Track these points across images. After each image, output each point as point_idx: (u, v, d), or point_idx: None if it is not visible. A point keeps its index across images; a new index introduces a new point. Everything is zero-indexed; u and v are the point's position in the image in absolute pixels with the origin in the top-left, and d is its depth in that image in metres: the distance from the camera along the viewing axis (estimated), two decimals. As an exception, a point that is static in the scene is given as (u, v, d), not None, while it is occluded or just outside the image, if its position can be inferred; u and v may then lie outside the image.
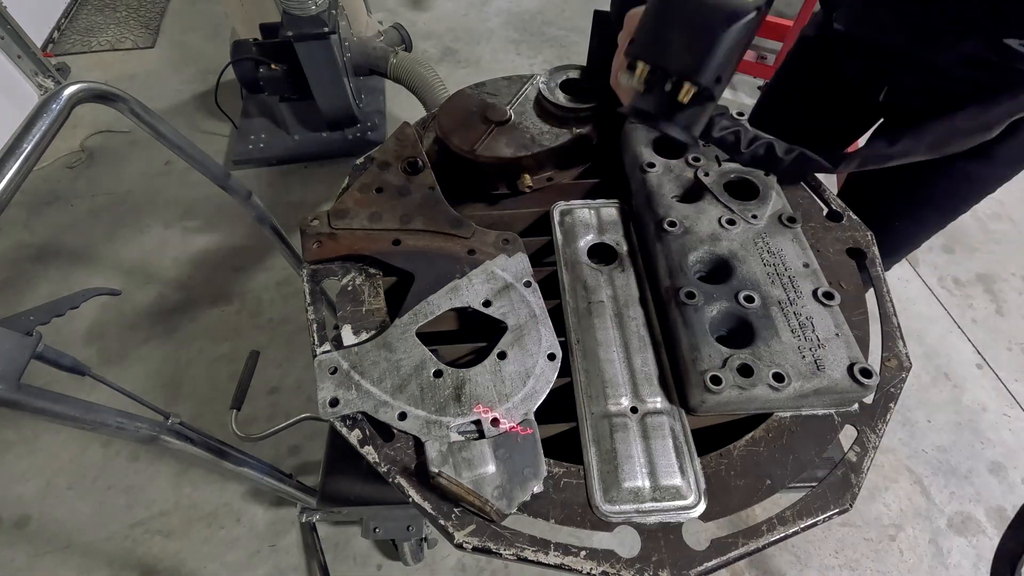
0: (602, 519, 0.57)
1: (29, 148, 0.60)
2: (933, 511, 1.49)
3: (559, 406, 0.64)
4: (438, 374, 0.63)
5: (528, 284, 0.71)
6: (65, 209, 2.11)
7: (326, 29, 1.80)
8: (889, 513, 1.49)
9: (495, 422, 0.59)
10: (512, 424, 0.59)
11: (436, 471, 0.56)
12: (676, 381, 0.64)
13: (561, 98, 0.90)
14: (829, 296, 0.65)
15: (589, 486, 0.58)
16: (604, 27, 0.86)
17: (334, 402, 0.62)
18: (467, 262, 0.73)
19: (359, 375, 0.63)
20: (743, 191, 0.78)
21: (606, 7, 0.85)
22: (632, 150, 0.83)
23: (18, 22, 2.23)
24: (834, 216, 0.82)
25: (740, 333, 0.65)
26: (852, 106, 0.94)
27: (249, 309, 1.84)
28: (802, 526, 0.57)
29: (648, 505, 0.56)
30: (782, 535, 0.57)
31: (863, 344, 0.69)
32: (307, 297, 0.74)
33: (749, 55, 2.59)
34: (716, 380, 0.58)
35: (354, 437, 0.62)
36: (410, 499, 0.59)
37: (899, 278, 1.94)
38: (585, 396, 0.63)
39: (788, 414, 0.64)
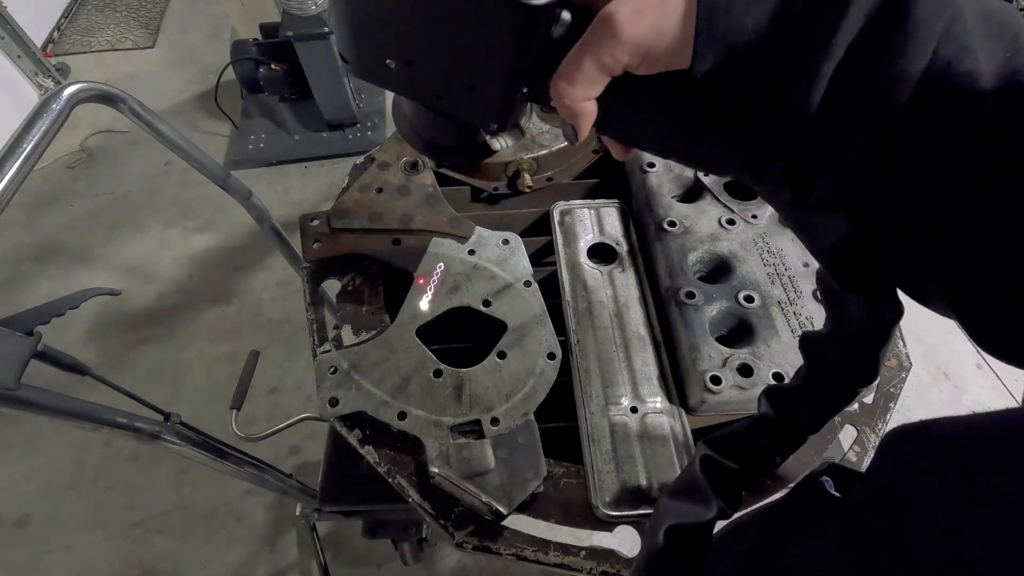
0: (602, 519, 0.57)
1: (29, 148, 0.60)
2: (933, 511, 1.49)
3: (559, 406, 0.64)
4: (438, 374, 0.63)
5: (528, 284, 0.71)
6: (65, 209, 2.11)
7: (326, 29, 1.80)
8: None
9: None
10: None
11: (436, 471, 0.56)
12: (676, 381, 0.64)
13: (561, 98, 0.90)
14: (829, 296, 0.65)
15: (589, 486, 0.58)
16: None
17: (334, 402, 0.62)
18: (467, 262, 0.73)
19: (359, 375, 0.63)
20: (743, 191, 0.78)
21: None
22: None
23: (18, 22, 2.23)
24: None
25: (740, 333, 0.65)
26: None
27: (249, 309, 1.84)
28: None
29: (648, 505, 0.56)
30: (782, 535, 0.57)
31: (863, 344, 0.69)
32: (307, 297, 0.74)
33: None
34: (716, 380, 0.58)
35: (354, 437, 0.62)
36: (410, 499, 0.59)
37: (899, 278, 1.94)
38: (585, 396, 0.63)
39: (788, 414, 0.64)
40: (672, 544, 0.36)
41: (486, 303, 0.69)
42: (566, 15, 0.29)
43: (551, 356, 0.65)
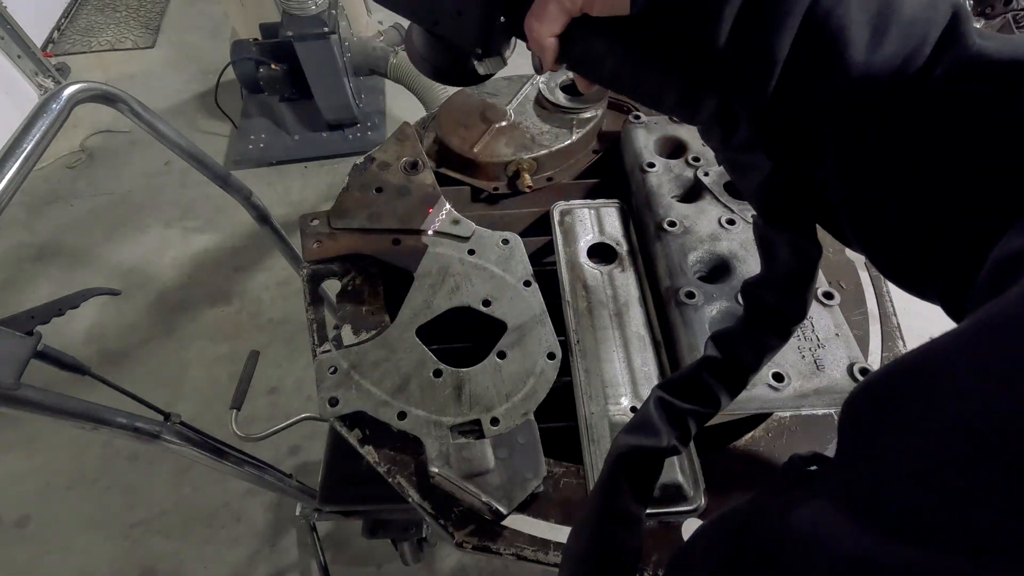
0: (602, 519, 0.57)
1: (29, 148, 0.60)
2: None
3: (559, 405, 0.64)
4: (438, 374, 0.63)
5: (528, 284, 0.71)
6: (65, 209, 2.11)
7: (326, 29, 1.80)
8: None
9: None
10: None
11: (436, 471, 0.56)
12: (676, 381, 0.64)
13: (561, 98, 0.90)
14: (829, 296, 0.65)
15: (589, 486, 0.58)
16: None
17: (334, 402, 0.62)
18: (467, 262, 0.73)
19: (359, 375, 0.63)
20: (743, 191, 0.78)
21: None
22: (632, 150, 0.83)
23: (18, 22, 2.23)
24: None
25: (740, 333, 0.65)
26: None
27: (249, 309, 1.84)
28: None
29: (648, 505, 0.56)
30: (782, 535, 0.57)
31: (863, 344, 0.69)
32: (307, 297, 0.74)
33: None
34: (716, 380, 0.58)
35: (354, 437, 0.62)
36: (410, 499, 0.59)
37: (899, 278, 1.94)
38: (585, 396, 0.63)
39: (788, 414, 0.64)
40: (622, 467, 0.39)
41: (486, 303, 0.69)
42: None
43: (551, 356, 0.65)
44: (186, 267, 1.94)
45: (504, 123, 0.89)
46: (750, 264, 0.69)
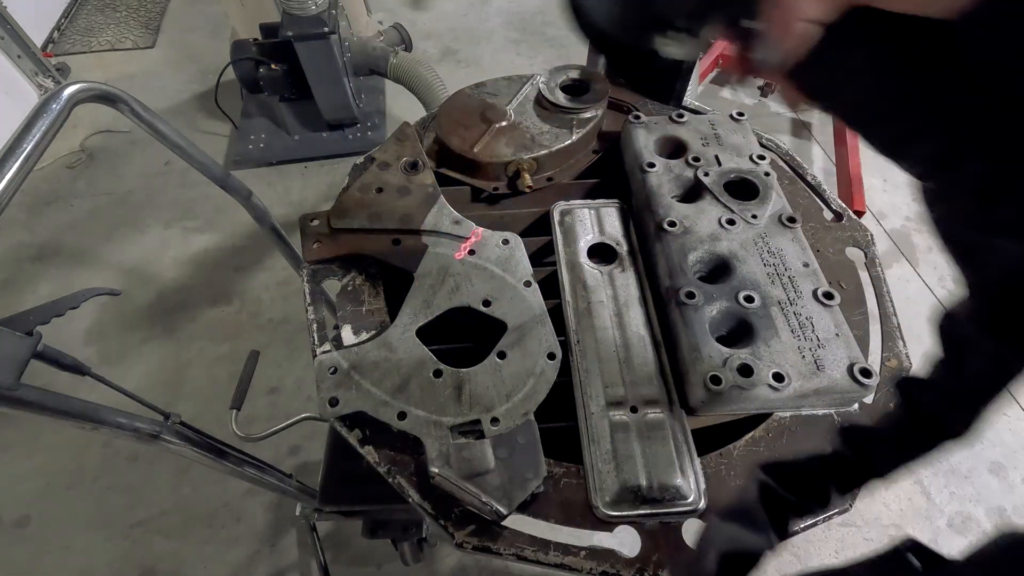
0: (602, 519, 0.57)
1: (29, 148, 0.60)
2: (933, 511, 1.49)
3: (559, 406, 0.64)
4: (438, 374, 0.63)
5: (528, 284, 0.71)
6: (65, 209, 2.11)
7: (326, 29, 1.80)
8: (889, 513, 1.49)
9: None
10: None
11: (436, 471, 0.56)
12: (676, 381, 0.64)
13: (561, 98, 0.90)
14: (829, 296, 0.65)
15: (589, 486, 0.58)
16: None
17: (334, 402, 0.62)
18: (467, 262, 0.73)
19: (359, 375, 0.63)
20: (743, 191, 0.78)
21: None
22: (632, 150, 0.83)
23: (18, 22, 2.23)
24: (834, 216, 0.82)
25: (740, 333, 0.65)
26: None
27: (249, 309, 1.84)
28: (802, 526, 0.57)
29: (648, 505, 0.56)
30: (782, 535, 0.57)
31: (863, 344, 0.69)
32: (307, 297, 0.74)
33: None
34: (716, 380, 0.58)
35: (354, 437, 0.62)
36: (410, 499, 0.59)
37: (899, 278, 1.94)
38: (585, 396, 0.63)
39: (788, 414, 0.64)
40: (725, 570, 0.36)
41: (486, 303, 0.69)
42: None
43: (551, 356, 0.65)
44: (186, 267, 1.94)
45: (504, 123, 0.89)
46: (750, 264, 0.69)
